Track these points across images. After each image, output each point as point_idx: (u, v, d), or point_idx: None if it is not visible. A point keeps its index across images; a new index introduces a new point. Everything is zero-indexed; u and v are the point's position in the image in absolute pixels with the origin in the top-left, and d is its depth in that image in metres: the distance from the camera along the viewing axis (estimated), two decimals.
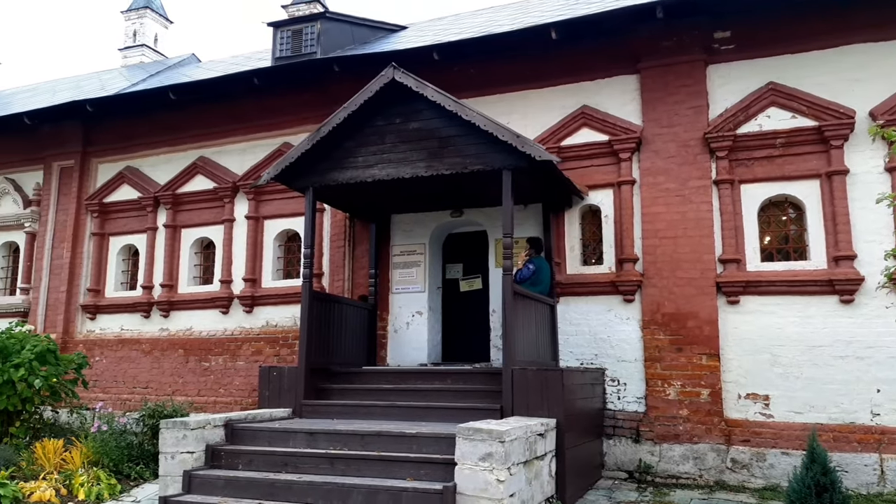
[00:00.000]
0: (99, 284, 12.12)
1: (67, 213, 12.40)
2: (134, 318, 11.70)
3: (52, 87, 17.09)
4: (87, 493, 6.99)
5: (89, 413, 9.11)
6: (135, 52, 19.39)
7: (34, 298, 12.38)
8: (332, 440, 6.37)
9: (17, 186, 13.11)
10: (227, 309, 10.94)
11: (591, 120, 9.02)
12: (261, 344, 10.55)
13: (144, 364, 11.36)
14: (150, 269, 11.64)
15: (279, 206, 10.79)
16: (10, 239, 13.15)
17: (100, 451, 7.73)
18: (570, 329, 8.74)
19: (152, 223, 11.76)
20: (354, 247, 10.18)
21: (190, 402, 10.03)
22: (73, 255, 12.22)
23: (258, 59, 13.02)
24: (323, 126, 7.71)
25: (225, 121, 11.33)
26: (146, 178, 12.01)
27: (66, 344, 11.66)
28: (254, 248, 10.91)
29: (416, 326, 9.66)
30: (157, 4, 20.14)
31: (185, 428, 6.38)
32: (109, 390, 11.35)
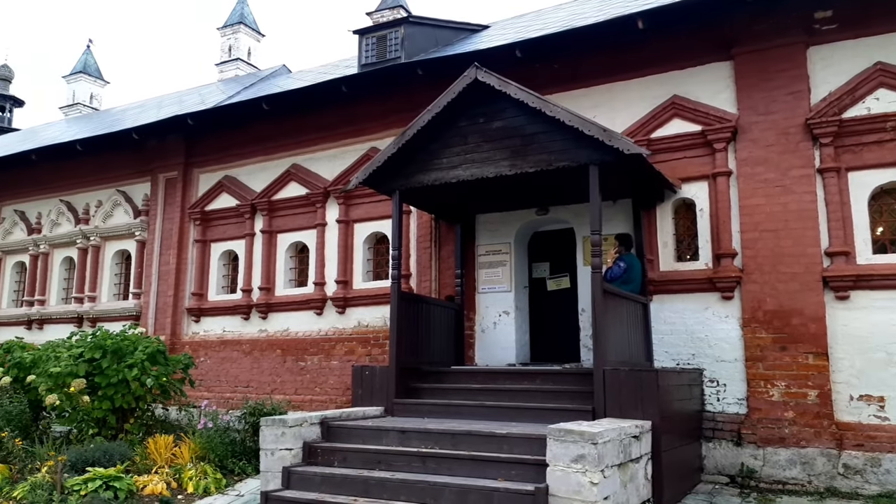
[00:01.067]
0: (202, 288, 12.79)
1: (173, 222, 13.17)
2: (235, 320, 12.27)
3: (157, 102, 18.22)
4: (196, 487, 7.38)
5: (196, 411, 9.60)
6: (230, 66, 20.37)
7: (145, 302, 13.22)
8: (423, 439, 6.44)
9: (127, 198, 14.04)
10: (321, 310, 11.29)
11: (683, 110, 8.71)
12: (353, 344, 10.83)
13: (245, 364, 11.89)
14: (248, 273, 12.18)
15: (368, 210, 11.04)
16: (122, 247, 14.10)
17: (206, 446, 8.15)
18: (665, 328, 8.46)
19: (250, 229, 12.30)
20: (440, 247, 10.27)
21: (287, 400, 10.43)
22: (179, 261, 12.95)
23: (345, 67, 13.37)
24: (408, 129, 7.82)
25: (315, 128, 11.71)
26: (243, 186, 12.59)
27: (173, 345, 12.37)
28: (344, 250, 11.21)
29: (504, 326, 9.63)
30: (249, 20, 21.08)
31: (283, 426, 6.63)
32: (213, 389, 11.94)
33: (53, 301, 14.83)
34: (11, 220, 15.80)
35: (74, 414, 8.95)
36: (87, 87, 24.55)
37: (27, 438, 8.44)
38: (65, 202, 14.94)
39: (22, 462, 7.93)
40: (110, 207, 14.18)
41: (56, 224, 15.01)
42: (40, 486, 6.86)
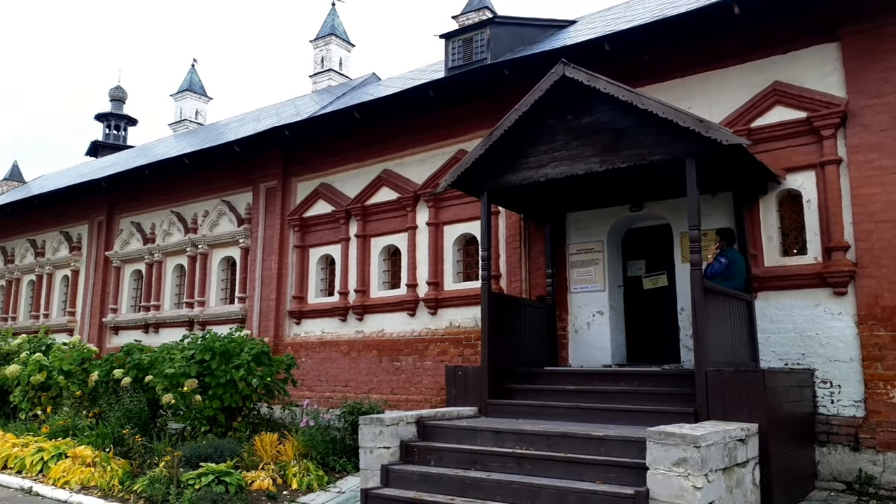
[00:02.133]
0: (302, 292, 13.30)
1: (273, 229, 13.77)
2: (333, 321, 12.68)
3: (256, 115, 19.11)
4: (300, 483, 7.68)
5: (298, 409, 9.96)
6: (323, 77, 21.07)
7: (249, 306, 13.89)
8: (517, 440, 6.41)
9: (231, 207, 14.80)
10: (414, 311, 11.47)
11: (785, 96, 8.25)
12: (445, 344, 10.94)
13: (343, 364, 12.26)
14: (344, 276, 12.56)
15: (457, 212, 11.13)
16: (228, 254, 14.88)
17: (308, 444, 8.45)
18: (771, 327, 8.04)
19: (345, 234, 12.68)
20: (530, 247, 10.20)
21: (384, 399, 10.66)
22: (280, 266, 13.53)
23: (433, 72, 13.54)
24: (495, 130, 7.82)
25: (404, 133, 11.93)
26: (338, 192, 12.99)
27: (276, 346, 12.92)
28: (435, 252, 11.35)
29: (598, 326, 9.44)
30: (340, 31, 21.72)
31: (380, 424, 6.78)
32: (314, 388, 12.38)
33: (167, 306, 15.83)
34: (129, 231, 17.00)
35: (188, 412, 9.51)
36: (192, 103, 26.07)
37: (146, 435, 9.02)
38: (175, 213, 15.93)
39: (141, 457, 8.49)
40: (216, 217, 15.00)
41: (168, 234, 16.03)
42: (158, 480, 7.34)
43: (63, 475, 8.07)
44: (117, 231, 17.39)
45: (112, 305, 17.01)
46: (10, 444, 9.43)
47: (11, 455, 9.03)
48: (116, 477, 7.84)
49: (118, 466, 8.06)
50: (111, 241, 17.41)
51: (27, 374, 11.24)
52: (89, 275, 17.85)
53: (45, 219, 19.41)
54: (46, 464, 8.59)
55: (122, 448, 8.69)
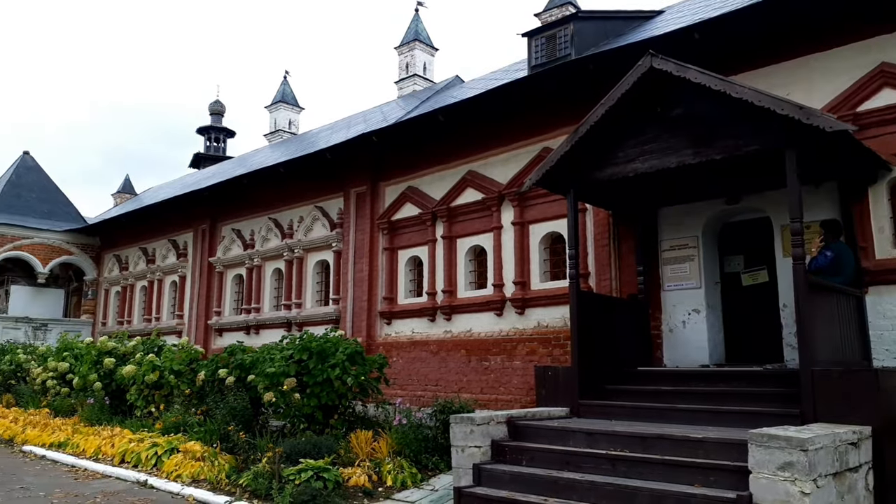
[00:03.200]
0: (392, 293, 13.58)
1: (364, 232, 14.13)
2: (422, 321, 12.88)
3: (346, 123, 19.68)
4: (394, 481, 7.84)
5: (391, 408, 10.17)
6: (408, 82, 21.41)
7: (342, 307, 14.31)
8: (611, 441, 6.30)
9: (324, 213, 15.31)
10: (501, 311, 11.48)
11: (894, 78, 7.68)
12: (534, 344, 10.87)
13: (433, 363, 12.42)
14: (432, 277, 12.73)
15: (542, 210, 11.05)
16: (322, 258, 15.40)
17: (401, 442, 8.62)
18: (885, 324, 7.51)
19: (431, 235, 12.85)
20: (619, 245, 9.99)
21: (474, 399, 10.72)
22: (371, 268, 13.87)
23: (515, 71, 13.51)
24: (581, 126, 7.71)
25: (488, 134, 11.96)
26: (424, 195, 13.18)
27: (369, 346, 13.23)
28: (521, 252, 11.31)
29: (694, 325, 9.11)
30: (424, 36, 22.01)
31: (471, 423, 6.83)
32: (406, 387, 12.60)
33: (266, 308, 16.56)
34: (230, 237, 17.91)
35: (287, 410, 9.90)
36: (285, 114, 27.12)
37: (249, 432, 9.44)
38: (272, 219, 16.64)
39: (245, 453, 8.89)
40: (310, 222, 15.56)
41: (266, 239, 16.76)
42: (261, 475, 7.68)
43: (175, 469, 8.59)
44: (219, 238, 18.35)
45: (216, 308, 17.97)
46: (128, 439, 10.13)
47: (129, 450, 9.69)
48: (223, 471, 8.27)
49: (225, 461, 8.50)
50: (214, 248, 18.39)
51: (142, 373, 12.05)
52: (195, 280, 18.93)
53: (155, 228, 20.77)
54: (160, 458, 9.16)
55: (227, 444, 9.14)
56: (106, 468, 9.23)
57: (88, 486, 8.34)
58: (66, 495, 7.69)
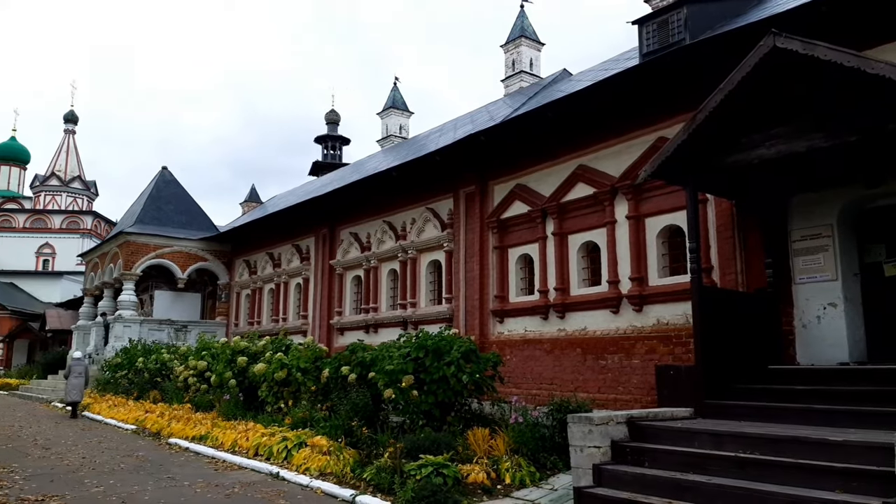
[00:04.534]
0: (503, 291, 13.59)
1: (474, 232, 14.25)
2: (534, 320, 12.80)
3: (453, 125, 19.92)
4: (512, 478, 7.83)
5: (506, 406, 10.17)
6: (514, 80, 21.36)
7: (455, 306, 14.50)
8: (739, 443, 5.99)
9: (435, 214, 15.58)
10: (617, 308, 11.19)
11: None
12: (653, 342, 10.52)
13: (547, 362, 12.30)
14: (543, 274, 12.62)
15: (659, 203, 10.66)
16: (434, 258, 15.68)
17: (518, 440, 8.60)
18: None
19: (542, 233, 12.74)
20: (744, 236, 9.45)
21: (591, 398, 10.52)
22: (481, 267, 13.96)
23: (626, 60, 13.13)
24: (698, 113, 7.38)
25: (598, 126, 11.70)
26: (533, 192, 13.09)
27: (482, 345, 13.31)
28: (637, 247, 10.97)
29: (830, 320, 8.46)
30: (529, 31, 21.87)
31: (589, 423, 6.72)
32: (521, 385, 12.56)
33: (383, 308, 17.08)
34: (348, 241, 18.62)
35: (406, 406, 10.16)
36: (396, 119, 27.85)
37: (371, 427, 9.77)
38: (386, 222, 17.14)
39: (368, 448, 9.21)
40: (422, 223, 15.88)
41: (381, 241, 17.29)
42: (384, 470, 7.93)
43: (304, 462, 9.03)
44: (339, 241, 19.13)
45: (337, 308, 18.75)
46: (260, 433, 10.77)
47: (262, 443, 10.30)
48: (348, 465, 8.61)
49: (349, 455, 8.84)
50: (334, 251, 19.19)
51: (271, 371, 12.78)
52: (317, 282, 19.85)
53: (279, 234, 21.97)
54: (290, 451, 9.66)
55: (351, 438, 9.50)
56: (242, 460, 9.86)
57: (227, 476, 8.95)
58: (207, 485, 8.29)
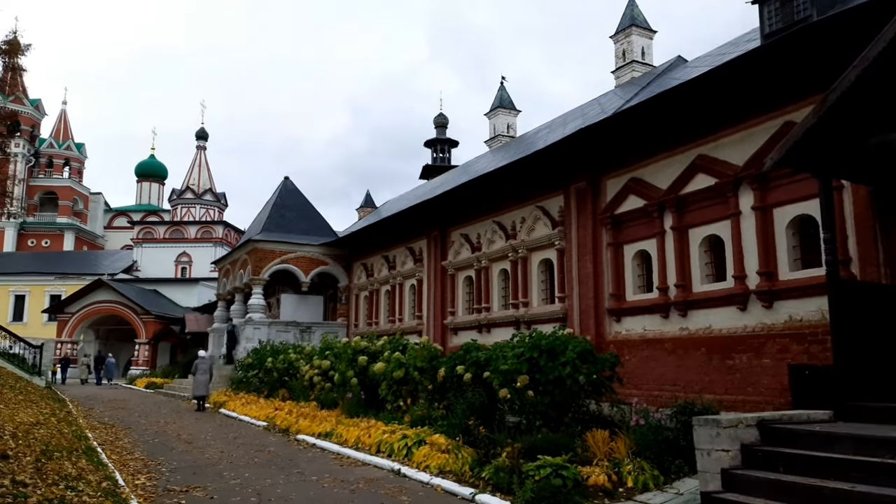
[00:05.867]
0: (619, 289, 13.22)
1: (586, 229, 13.97)
2: (654, 318, 12.35)
3: (562, 120, 19.65)
4: (634, 482, 7.61)
5: (626, 407, 9.90)
6: (625, 70, 20.76)
7: (569, 305, 14.28)
8: (887, 448, 5.50)
9: (545, 212, 15.43)
10: (744, 305, 10.58)
11: None
12: (786, 340, 9.85)
13: (669, 362, 11.84)
14: (662, 271, 12.16)
15: (787, 192, 9.98)
16: (545, 256, 15.53)
17: (640, 443, 8.35)
18: None
19: (659, 228, 12.28)
20: (888, 225, 8.64)
21: (717, 400, 10.02)
22: (595, 264, 13.65)
23: (746, 42, 12.42)
24: (830, 94, 6.85)
25: (717, 114, 11.13)
26: (649, 185, 12.65)
27: (598, 345, 13.00)
28: (764, 239, 10.33)
29: None
30: (640, 20, 21.18)
31: (717, 426, 6.41)
32: (641, 387, 12.16)
33: (495, 307, 17.12)
34: (459, 242, 18.83)
35: (522, 407, 10.12)
36: (503, 119, 27.85)
37: (487, 426, 9.82)
38: (496, 222, 17.18)
39: (486, 447, 9.26)
40: (532, 222, 15.78)
41: (491, 242, 17.34)
42: (502, 469, 7.95)
43: (423, 460, 9.23)
44: (450, 243, 19.39)
45: (450, 308, 19.01)
46: (381, 430, 11.11)
47: (383, 440, 10.63)
48: (467, 464, 8.71)
49: (467, 454, 8.94)
50: (446, 252, 19.47)
51: (390, 370, 13.16)
52: (430, 283, 20.22)
53: (393, 237, 22.59)
54: (410, 449, 9.91)
55: (468, 437, 9.61)
56: (365, 456, 10.22)
57: (351, 472, 9.31)
58: (333, 480, 8.67)
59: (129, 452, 10.67)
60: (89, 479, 7.04)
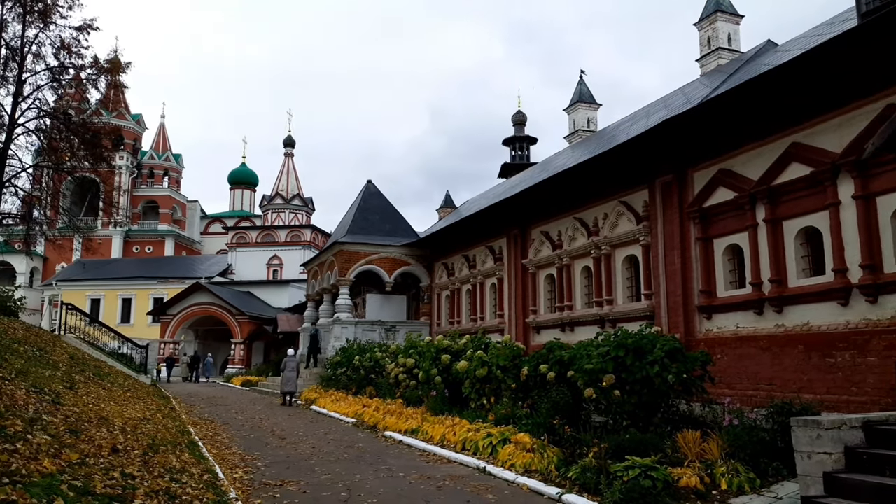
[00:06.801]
0: (709, 285, 12.75)
1: (672, 223, 13.55)
2: (747, 315, 11.84)
3: (645, 112, 19.13)
4: (729, 484, 7.33)
5: (718, 407, 9.56)
6: (711, 58, 19.97)
7: (656, 303, 13.89)
8: None
9: (629, 207, 15.07)
10: (846, 300, 9.99)
11: None
12: (893, 337, 9.22)
13: (764, 360, 11.33)
14: (754, 266, 11.64)
15: (891, 179, 9.34)
16: (629, 253, 15.17)
17: (734, 444, 8.04)
18: None
19: (751, 220, 11.76)
20: None
21: (818, 400, 9.53)
22: (683, 260, 13.22)
23: (842, 22, 11.71)
24: None
25: (811, 99, 10.55)
26: (739, 176, 12.14)
27: (688, 343, 12.58)
28: (867, 230, 9.70)
29: None
30: (726, 4, 20.32)
31: (818, 427, 6.10)
32: (734, 386, 11.69)
33: (578, 306, 16.88)
34: (539, 240, 18.68)
35: (609, 406, 9.95)
36: (583, 113, 27.38)
37: (572, 426, 9.71)
38: (577, 219, 16.93)
39: (571, 446, 9.16)
40: (615, 218, 15.45)
41: (573, 239, 17.11)
42: (589, 469, 7.85)
43: (508, 458, 9.22)
44: (530, 241, 19.27)
45: (532, 307, 18.89)
46: (465, 429, 11.17)
47: (467, 438, 10.69)
48: (552, 463, 8.64)
49: (552, 454, 8.88)
50: (526, 251, 19.37)
51: (472, 368, 13.22)
52: (511, 281, 20.16)
53: (473, 236, 22.67)
54: (495, 447, 9.92)
55: (553, 436, 9.54)
56: (450, 454, 10.31)
57: (437, 469, 9.42)
58: (420, 477, 8.80)
59: (227, 447, 11.21)
60: (192, 471, 7.45)
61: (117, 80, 26.38)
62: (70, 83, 24.53)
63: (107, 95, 27.26)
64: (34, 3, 22.28)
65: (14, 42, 22.19)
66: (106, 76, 24.55)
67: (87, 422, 8.04)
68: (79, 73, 23.78)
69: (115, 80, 25.86)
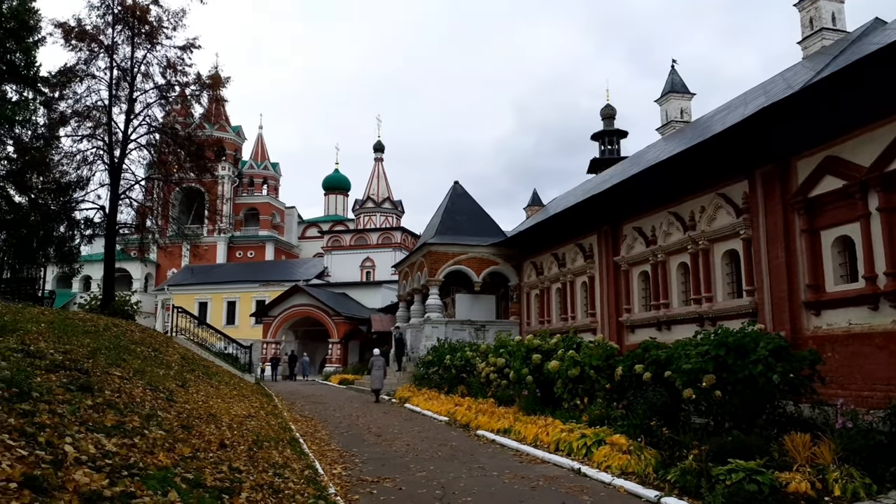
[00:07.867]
0: (817, 280, 12.02)
1: (775, 215, 12.87)
2: (860, 311, 11.08)
3: (742, 100, 18.26)
4: (843, 490, 6.89)
5: (830, 409, 9.01)
6: (813, 39, 18.83)
7: (759, 299, 13.23)
8: None
9: (727, 199, 14.43)
10: None
11: None
12: None
13: (881, 360, 10.56)
14: (868, 258, 10.87)
15: None
16: (729, 247, 14.53)
17: (847, 448, 7.55)
18: None
19: (862, 210, 11.00)
20: None
21: None
22: (787, 253, 12.53)
23: None
24: None
25: None
26: (848, 163, 11.39)
27: (794, 341, 11.92)
28: None
29: None
30: None
31: None
32: (847, 387, 10.97)
33: (675, 303, 16.32)
34: (632, 236, 18.21)
35: (709, 407, 9.57)
36: (676, 104, 26.46)
37: (671, 427, 9.40)
38: (672, 213, 16.37)
39: (669, 448, 8.87)
40: (712, 211, 14.84)
41: (667, 234, 16.57)
42: (689, 472, 7.57)
43: (604, 460, 9.04)
44: (622, 237, 18.82)
45: (625, 306, 18.43)
46: (559, 429, 11.04)
47: (561, 439, 10.56)
48: (650, 465, 8.40)
49: (650, 456, 8.62)
50: (618, 247, 18.93)
51: (564, 368, 13.05)
52: (602, 279, 19.76)
53: (562, 234, 22.38)
54: (589, 449, 9.75)
55: (650, 438, 9.26)
56: (543, 454, 10.23)
57: (531, 469, 9.37)
58: (514, 476, 8.78)
59: (326, 444, 11.59)
60: (293, 467, 7.77)
61: (218, 95, 27.85)
62: (176, 99, 26.13)
63: (209, 109, 28.83)
64: (141, 25, 23.88)
65: (125, 63, 23.92)
66: (208, 91, 26.01)
67: (198, 418, 8.53)
68: (183, 89, 25.33)
69: (217, 94, 27.32)
